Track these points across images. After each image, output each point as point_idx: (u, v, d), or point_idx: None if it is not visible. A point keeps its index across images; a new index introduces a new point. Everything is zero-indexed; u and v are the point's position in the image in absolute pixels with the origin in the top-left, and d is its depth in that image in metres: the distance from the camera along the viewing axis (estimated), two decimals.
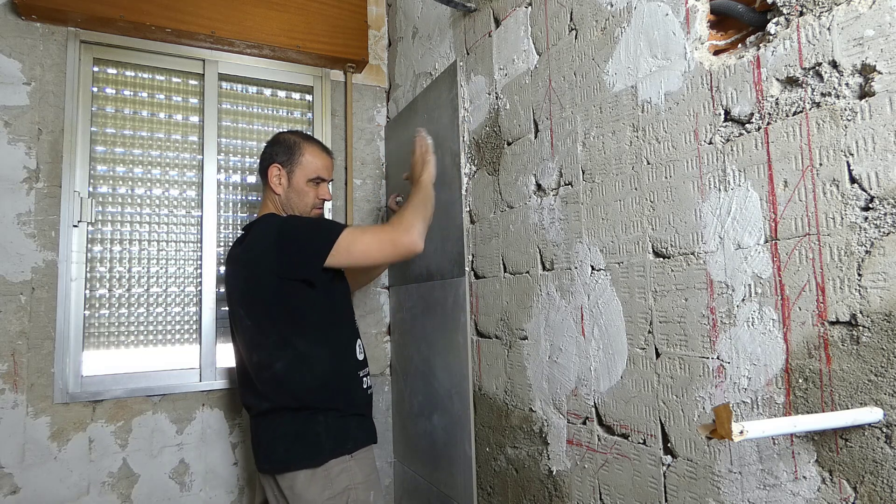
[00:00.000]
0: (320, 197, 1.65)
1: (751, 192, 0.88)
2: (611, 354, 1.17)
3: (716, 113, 0.95)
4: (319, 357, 1.46)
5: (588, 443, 1.23)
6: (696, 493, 0.97)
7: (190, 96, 2.09)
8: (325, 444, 1.41)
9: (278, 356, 1.45)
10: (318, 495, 1.38)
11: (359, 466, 1.44)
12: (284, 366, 1.44)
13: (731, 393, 0.91)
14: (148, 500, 1.86)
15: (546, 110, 1.37)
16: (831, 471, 0.77)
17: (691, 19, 0.99)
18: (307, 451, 1.41)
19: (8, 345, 1.74)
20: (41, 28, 1.86)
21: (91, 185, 1.90)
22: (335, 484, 1.40)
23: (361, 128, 2.37)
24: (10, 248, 1.75)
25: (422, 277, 1.97)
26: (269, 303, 1.46)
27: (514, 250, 1.49)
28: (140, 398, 1.88)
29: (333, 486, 1.39)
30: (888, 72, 0.72)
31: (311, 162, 1.63)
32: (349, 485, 1.41)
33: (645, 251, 1.08)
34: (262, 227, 1.52)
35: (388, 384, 2.31)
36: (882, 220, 0.72)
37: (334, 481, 1.40)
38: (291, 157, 1.62)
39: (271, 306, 1.46)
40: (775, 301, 0.85)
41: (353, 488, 1.41)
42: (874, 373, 0.72)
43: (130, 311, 1.93)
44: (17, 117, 1.80)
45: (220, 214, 2.08)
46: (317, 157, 1.64)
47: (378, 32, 2.43)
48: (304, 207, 1.63)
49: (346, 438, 1.44)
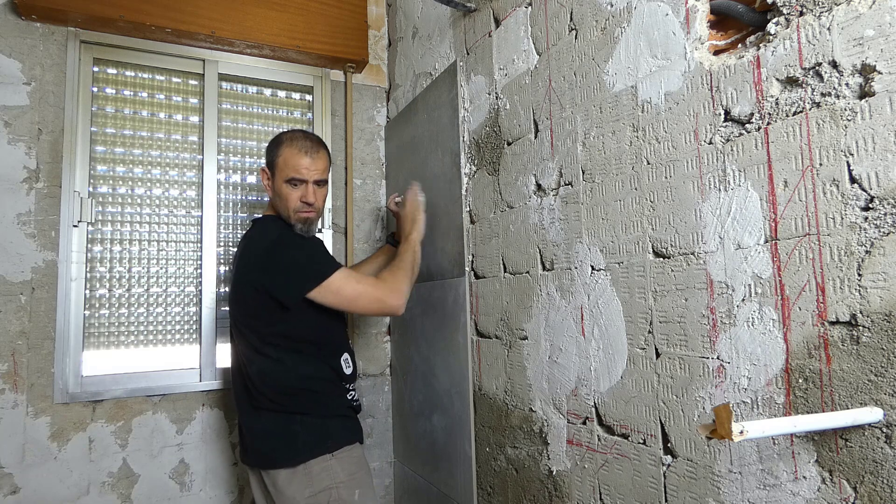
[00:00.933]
0: (302, 200, 1.54)
1: (751, 192, 0.88)
2: (611, 354, 1.17)
3: (716, 113, 0.95)
4: (290, 366, 1.49)
5: (588, 443, 1.23)
6: (696, 493, 0.97)
7: (190, 96, 2.09)
8: (305, 444, 1.44)
9: (254, 359, 1.50)
10: (299, 493, 1.41)
11: (341, 465, 1.45)
12: (258, 370, 1.49)
13: (731, 393, 0.91)
14: (148, 500, 1.86)
15: (546, 110, 1.37)
16: (831, 471, 0.77)
17: (691, 19, 0.99)
18: (287, 450, 1.44)
19: (8, 345, 1.74)
20: (41, 28, 1.86)
21: (91, 185, 1.90)
22: (316, 483, 1.42)
23: (361, 128, 2.37)
24: (10, 248, 1.75)
25: (422, 277, 1.97)
26: (248, 309, 1.51)
27: (514, 250, 1.49)
28: (140, 398, 1.88)
29: (314, 484, 1.41)
30: (888, 72, 0.72)
31: (286, 162, 1.53)
32: (331, 483, 1.42)
33: (645, 251, 1.08)
34: (260, 231, 1.56)
35: (388, 384, 2.31)
36: (882, 220, 0.72)
37: (315, 480, 1.42)
38: (273, 159, 1.56)
39: (249, 314, 1.51)
40: (775, 301, 0.85)
41: (335, 487, 1.43)
42: (874, 373, 0.72)
43: (130, 311, 1.93)
44: (17, 117, 1.80)
45: (220, 214, 2.08)
46: (293, 157, 1.53)
47: (378, 32, 2.43)
48: (286, 212, 1.55)
49: (325, 438, 1.46)
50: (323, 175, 1.59)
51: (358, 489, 1.46)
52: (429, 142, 1.94)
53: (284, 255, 1.46)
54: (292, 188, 1.54)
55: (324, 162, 1.59)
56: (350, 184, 2.29)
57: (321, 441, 1.45)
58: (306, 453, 1.43)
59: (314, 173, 1.55)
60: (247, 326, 1.52)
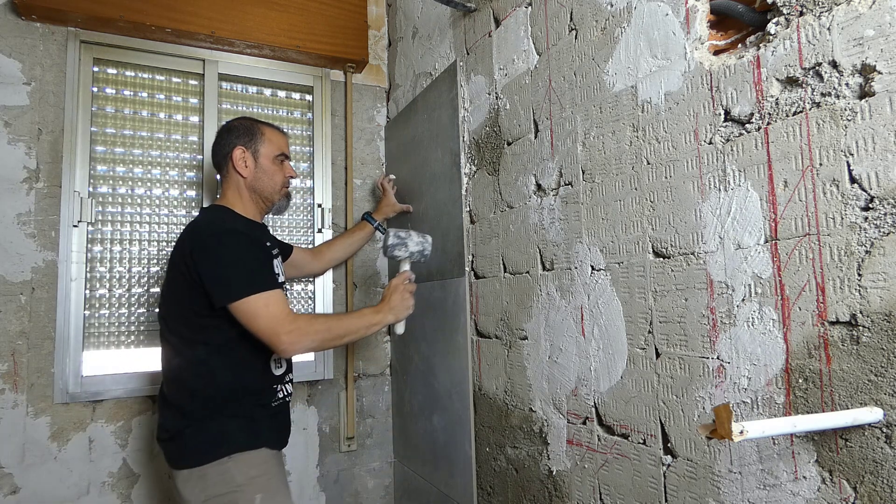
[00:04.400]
0: (287, 175, 1.63)
1: (751, 192, 0.88)
2: (611, 354, 1.17)
3: (716, 113, 0.95)
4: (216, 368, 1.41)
5: (588, 443, 1.23)
6: (696, 493, 0.97)
7: (190, 96, 2.09)
8: (199, 447, 1.38)
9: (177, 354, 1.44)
10: (194, 496, 1.36)
11: (239, 469, 1.37)
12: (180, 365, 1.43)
13: (731, 393, 0.91)
14: (148, 500, 1.86)
15: (546, 110, 1.37)
16: (831, 471, 0.77)
17: (691, 19, 0.99)
18: (182, 451, 1.39)
19: (8, 345, 1.74)
20: (41, 28, 1.86)
21: (91, 185, 1.90)
22: (211, 487, 1.35)
23: (361, 128, 2.37)
24: (10, 248, 1.75)
25: (422, 277, 1.97)
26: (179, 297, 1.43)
27: (514, 250, 1.49)
28: (140, 398, 1.88)
29: (209, 489, 1.35)
30: (888, 72, 0.72)
31: (272, 139, 1.60)
32: (226, 489, 1.35)
33: (645, 251, 1.08)
34: (208, 218, 1.51)
35: (388, 384, 2.31)
36: (882, 220, 0.72)
37: (210, 484, 1.35)
38: (253, 138, 1.58)
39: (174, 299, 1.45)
40: (775, 301, 0.85)
41: (235, 491, 1.35)
42: (874, 373, 0.72)
43: (130, 311, 1.93)
44: (17, 117, 1.80)
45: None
46: (275, 135, 1.62)
47: (378, 32, 2.43)
48: (274, 187, 1.60)
49: (220, 441, 1.38)
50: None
51: (260, 493, 1.37)
52: (429, 142, 1.94)
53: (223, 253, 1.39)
54: (279, 164, 1.61)
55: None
56: (350, 184, 2.29)
57: (216, 445, 1.38)
58: (201, 456, 1.37)
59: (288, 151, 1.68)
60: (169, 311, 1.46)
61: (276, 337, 1.36)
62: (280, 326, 1.36)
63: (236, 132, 1.59)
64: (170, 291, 1.47)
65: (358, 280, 2.28)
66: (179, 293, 1.43)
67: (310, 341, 1.43)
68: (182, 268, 1.40)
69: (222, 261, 1.38)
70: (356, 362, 2.25)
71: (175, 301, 1.45)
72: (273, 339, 1.37)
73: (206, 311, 1.39)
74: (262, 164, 1.58)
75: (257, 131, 1.59)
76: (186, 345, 1.43)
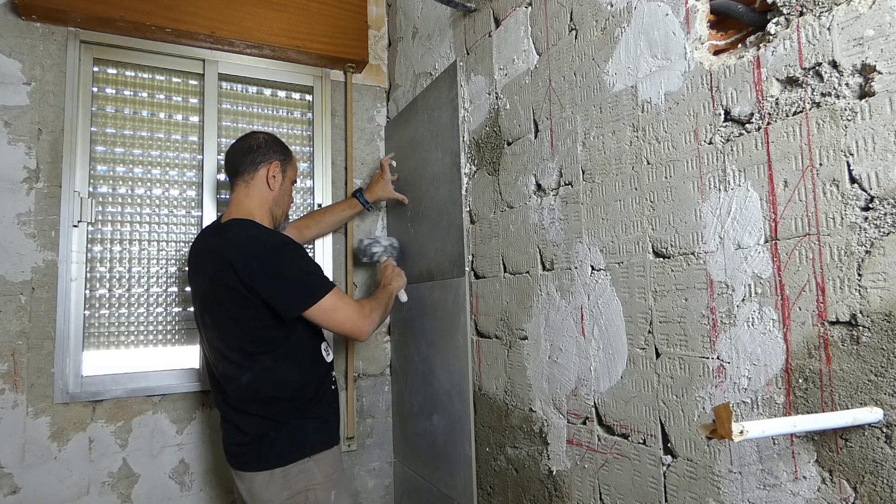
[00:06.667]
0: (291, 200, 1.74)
1: (751, 192, 0.88)
2: (611, 354, 1.17)
3: (716, 113, 0.95)
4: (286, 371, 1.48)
5: (588, 443, 1.23)
6: (696, 493, 0.97)
7: (190, 96, 2.09)
8: (283, 449, 1.45)
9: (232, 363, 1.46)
10: (277, 496, 1.43)
11: (318, 467, 1.47)
12: (235, 374, 1.46)
13: (731, 393, 0.91)
14: (148, 500, 1.86)
15: (546, 110, 1.37)
16: (831, 471, 0.77)
17: (691, 19, 0.99)
18: (266, 454, 1.45)
19: (8, 345, 1.74)
20: (41, 28, 1.86)
21: (91, 185, 1.90)
22: (293, 485, 1.44)
23: (361, 128, 2.37)
24: (10, 248, 1.75)
25: (422, 277, 1.97)
26: (228, 312, 1.45)
27: (514, 250, 1.49)
28: (140, 398, 1.88)
29: (291, 486, 1.44)
30: (888, 72, 0.72)
31: (295, 165, 1.70)
32: (307, 485, 1.45)
33: (645, 251, 1.08)
34: (249, 234, 1.47)
35: (388, 384, 2.31)
36: (882, 220, 0.72)
37: (292, 482, 1.44)
38: (287, 158, 1.66)
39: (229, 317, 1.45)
40: (775, 301, 0.85)
41: (312, 488, 1.45)
42: (874, 373, 0.72)
43: (130, 311, 1.93)
44: (17, 117, 1.80)
45: (220, 214, 2.08)
46: (294, 161, 1.71)
47: (378, 32, 2.43)
48: (286, 208, 1.69)
49: (303, 443, 1.47)
50: None
51: (334, 490, 1.49)
52: (429, 142, 1.94)
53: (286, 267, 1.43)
54: (291, 189, 1.70)
55: None
56: (350, 184, 2.29)
57: (299, 447, 1.47)
58: (284, 459, 1.45)
59: None
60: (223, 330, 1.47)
61: (357, 327, 1.51)
62: (357, 316, 1.51)
63: (275, 147, 1.62)
64: (221, 310, 1.46)
65: (358, 280, 2.28)
66: (234, 311, 1.44)
67: (376, 320, 1.59)
68: (235, 287, 1.41)
69: (287, 273, 1.44)
70: (356, 362, 2.25)
71: (230, 318, 1.46)
72: (354, 329, 1.51)
73: (273, 323, 1.45)
74: (285, 185, 1.65)
75: (290, 153, 1.68)
76: (250, 358, 1.46)
